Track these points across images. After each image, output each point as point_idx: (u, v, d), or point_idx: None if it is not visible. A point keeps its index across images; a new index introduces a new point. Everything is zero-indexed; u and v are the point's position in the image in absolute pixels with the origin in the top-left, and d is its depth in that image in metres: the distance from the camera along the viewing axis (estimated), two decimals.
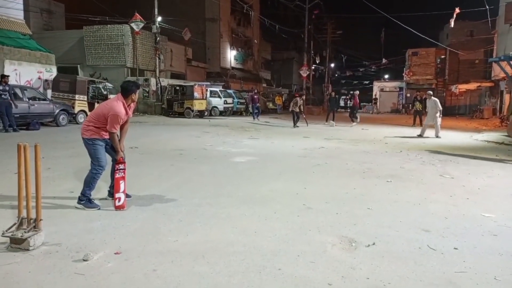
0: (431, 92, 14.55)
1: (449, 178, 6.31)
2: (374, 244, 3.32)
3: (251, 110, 22.17)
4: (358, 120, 19.20)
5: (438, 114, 13.44)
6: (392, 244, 3.35)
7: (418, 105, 18.41)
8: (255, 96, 20.71)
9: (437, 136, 13.19)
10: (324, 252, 3.15)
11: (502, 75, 20.43)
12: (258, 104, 20.90)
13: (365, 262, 2.96)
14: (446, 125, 17.54)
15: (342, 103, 42.49)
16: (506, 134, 13.89)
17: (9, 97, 11.74)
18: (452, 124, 20.72)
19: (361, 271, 2.81)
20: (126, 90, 4.31)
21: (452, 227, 3.80)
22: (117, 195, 4.21)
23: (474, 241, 3.45)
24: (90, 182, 4.25)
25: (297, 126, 16.43)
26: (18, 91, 12.85)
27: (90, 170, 4.30)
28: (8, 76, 12.29)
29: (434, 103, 13.50)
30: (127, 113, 4.34)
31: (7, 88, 11.65)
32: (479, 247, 3.32)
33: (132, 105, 4.45)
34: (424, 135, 13.40)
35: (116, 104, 4.24)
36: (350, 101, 18.42)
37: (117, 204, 4.19)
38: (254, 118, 20.43)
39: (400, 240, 3.44)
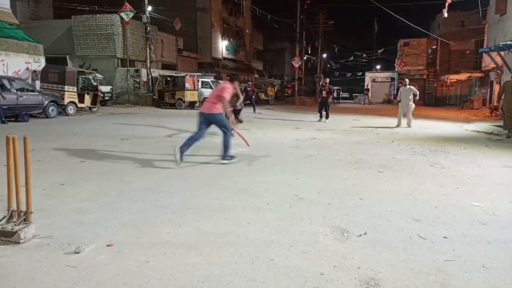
0: (407, 80, 13.86)
1: (439, 168, 6.39)
2: (365, 233, 3.36)
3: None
4: (324, 119, 14.92)
5: (411, 102, 13.10)
6: (383, 233, 3.39)
7: None
8: (248, 89, 20.46)
9: (408, 126, 12.99)
10: (316, 242, 3.18)
11: (492, 65, 20.59)
12: (253, 97, 20.66)
13: (357, 251, 3.00)
14: (436, 116, 17.76)
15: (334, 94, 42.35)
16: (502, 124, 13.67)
17: None
18: (443, 114, 20.91)
19: (353, 260, 2.85)
20: (231, 78, 6.60)
21: (442, 217, 3.86)
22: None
23: (463, 230, 3.50)
24: (228, 142, 6.18)
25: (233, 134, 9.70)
26: (5, 82, 12.64)
27: (223, 136, 6.18)
28: None
29: (410, 90, 13.14)
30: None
31: None
32: (468, 235, 3.38)
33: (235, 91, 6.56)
34: (402, 126, 13.20)
35: (227, 84, 6.33)
36: (321, 93, 15.18)
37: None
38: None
39: (391, 229, 3.49)
